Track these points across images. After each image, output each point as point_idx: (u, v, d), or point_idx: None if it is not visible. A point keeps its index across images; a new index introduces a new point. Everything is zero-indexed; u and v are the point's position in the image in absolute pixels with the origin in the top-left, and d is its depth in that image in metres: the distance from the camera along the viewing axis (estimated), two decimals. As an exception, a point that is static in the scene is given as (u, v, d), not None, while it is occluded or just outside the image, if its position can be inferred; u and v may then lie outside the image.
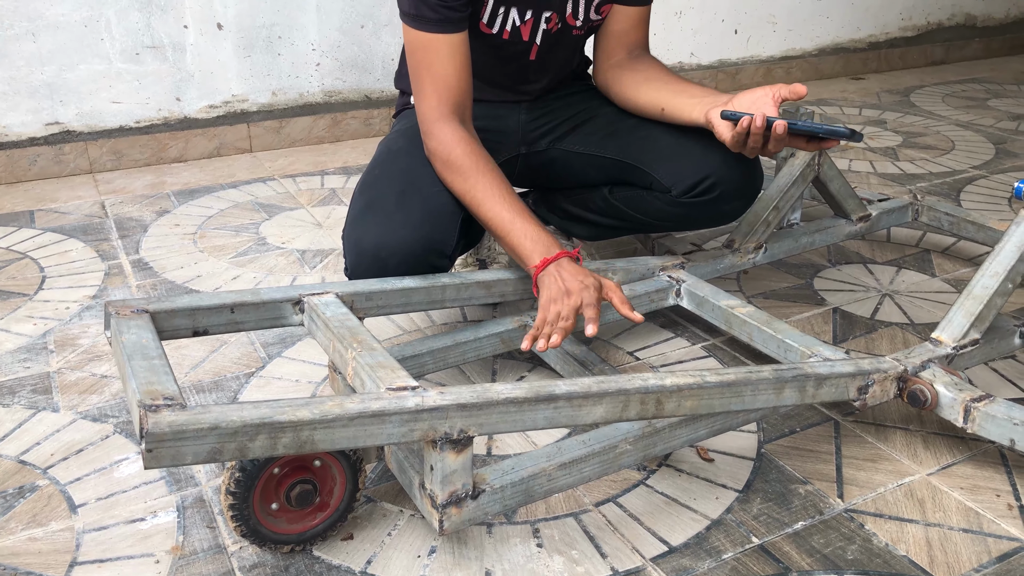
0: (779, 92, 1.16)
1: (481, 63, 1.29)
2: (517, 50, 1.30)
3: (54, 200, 2.03)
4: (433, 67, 1.19)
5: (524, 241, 1.13)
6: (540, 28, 1.28)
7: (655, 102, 1.29)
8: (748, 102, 1.17)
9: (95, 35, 2.12)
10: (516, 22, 1.26)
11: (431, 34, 1.17)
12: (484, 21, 1.25)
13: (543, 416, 0.89)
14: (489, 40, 1.27)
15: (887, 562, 0.95)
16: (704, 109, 1.21)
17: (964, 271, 1.67)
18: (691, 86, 1.27)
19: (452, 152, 1.18)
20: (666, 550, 0.97)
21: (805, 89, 1.13)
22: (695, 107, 1.23)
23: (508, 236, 1.15)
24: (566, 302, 1.07)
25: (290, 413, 0.79)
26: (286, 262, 1.70)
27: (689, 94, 1.25)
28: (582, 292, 1.07)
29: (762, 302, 1.54)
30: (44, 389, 1.28)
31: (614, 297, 1.10)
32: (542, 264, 1.11)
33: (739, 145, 1.17)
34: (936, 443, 1.16)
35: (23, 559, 0.95)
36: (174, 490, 1.06)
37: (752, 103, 1.17)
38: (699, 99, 1.23)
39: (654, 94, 1.29)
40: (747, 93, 1.18)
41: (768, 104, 1.16)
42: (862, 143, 0.98)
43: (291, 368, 1.33)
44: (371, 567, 0.94)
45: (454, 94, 1.20)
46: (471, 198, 1.17)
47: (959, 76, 3.33)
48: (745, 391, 0.98)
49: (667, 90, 1.28)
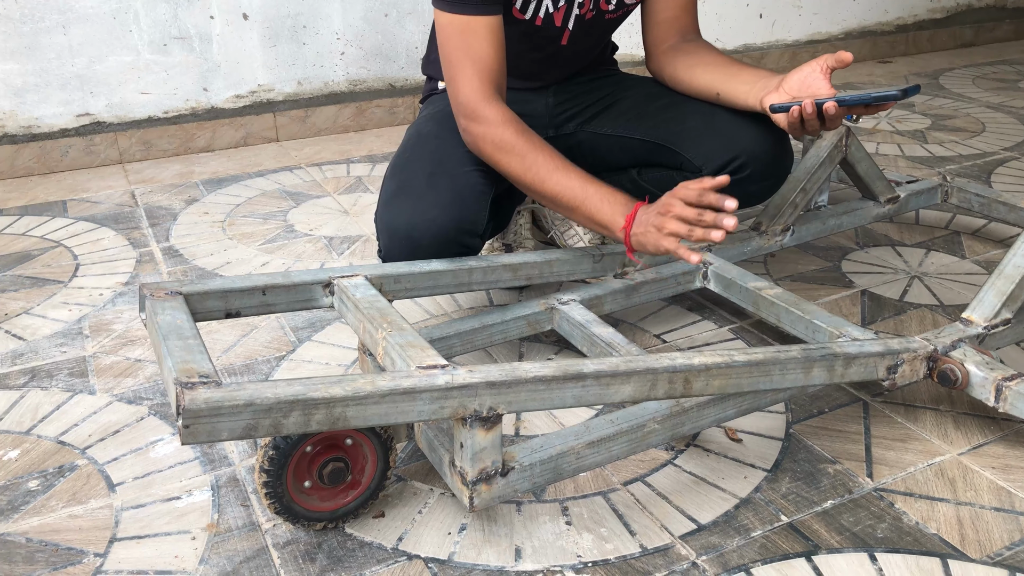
0: (826, 64, 1.16)
1: (511, 50, 1.29)
2: (550, 35, 1.30)
3: (86, 190, 2.06)
4: (473, 49, 1.18)
5: (602, 206, 1.13)
6: (573, 14, 1.28)
7: (710, 86, 1.30)
8: (797, 82, 1.18)
9: (123, 27, 2.14)
10: (549, 8, 1.26)
11: (471, 16, 1.17)
12: (517, 7, 1.25)
13: (571, 394, 0.90)
14: (521, 27, 1.28)
15: (917, 540, 0.95)
16: (758, 96, 1.22)
17: (995, 252, 1.65)
18: (744, 69, 1.27)
19: (504, 134, 1.16)
20: (695, 528, 0.97)
21: (850, 56, 1.12)
22: (748, 94, 1.24)
23: (584, 204, 1.14)
24: (668, 227, 1.07)
25: (323, 390, 0.80)
26: (314, 248, 1.72)
27: (742, 79, 1.26)
28: (671, 217, 1.07)
29: (789, 285, 1.54)
30: (80, 372, 1.30)
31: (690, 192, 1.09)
32: (628, 223, 1.12)
33: (797, 131, 1.17)
34: (967, 423, 1.15)
35: (64, 535, 0.98)
36: (208, 470, 1.08)
37: (802, 83, 1.17)
38: (751, 84, 1.24)
39: (708, 78, 1.30)
40: (795, 72, 1.19)
41: (818, 80, 1.16)
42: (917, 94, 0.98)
43: (321, 351, 1.35)
44: (402, 544, 0.96)
45: (495, 76, 1.19)
46: (533, 176, 1.16)
47: (989, 58, 3.28)
48: (773, 370, 0.98)
49: (721, 74, 1.28)
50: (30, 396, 1.24)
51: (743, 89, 1.25)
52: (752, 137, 1.28)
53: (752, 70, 1.27)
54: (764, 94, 1.21)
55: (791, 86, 1.18)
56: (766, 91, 1.21)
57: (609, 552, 0.94)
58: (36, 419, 1.19)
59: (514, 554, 0.94)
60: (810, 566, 0.91)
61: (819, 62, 1.17)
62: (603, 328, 1.18)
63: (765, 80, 1.23)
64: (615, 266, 1.33)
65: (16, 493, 1.05)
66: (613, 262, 1.32)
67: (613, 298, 1.29)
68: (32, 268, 1.66)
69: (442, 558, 0.94)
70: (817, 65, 1.17)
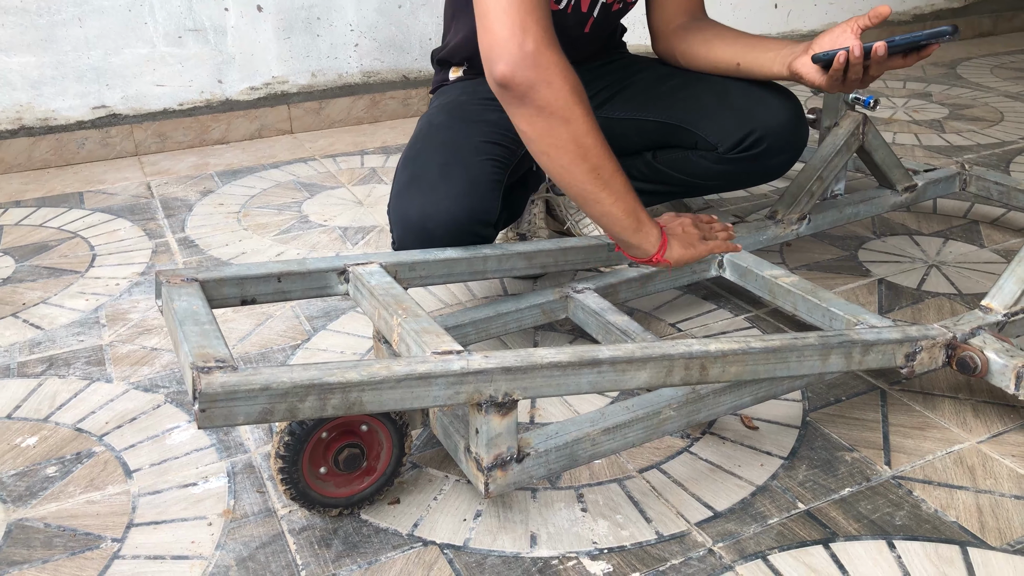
0: (859, 23, 1.14)
1: None
2: (577, 21, 1.30)
3: (102, 182, 2.07)
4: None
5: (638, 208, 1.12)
6: (600, 2, 1.28)
7: (730, 58, 1.28)
8: (829, 43, 1.16)
9: (139, 19, 2.15)
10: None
11: None
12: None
13: (587, 380, 0.90)
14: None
15: (936, 528, 0.94)
16: (785, 61, 1.20)
17: (1014, 241, 1.63)
18: (764, 40, 1.26)
19: (575, 79, 0.99)
20: (711, 515, 0.97)
21: (888, 8, 1.09)
22: (774, 61, 1.22)
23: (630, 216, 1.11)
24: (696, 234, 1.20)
25: (339, 375, 0.80)
26: (328, 239, 1.72)
27: (764, 47, 1.24)
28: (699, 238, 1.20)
29: (806, 274, 1.52)
30: (97, 361, 1.31)
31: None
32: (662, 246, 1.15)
33: (837, 84, 1.15)
34: (986, 411, 1.14)
35: (82, 521, 0.98)
36: (224, 456, 1.09)
37: (833, 43, 1.15)
38: (776, 51, 1.22)
39: (728, 49, 1.28)
40: (826, 34, 1.17)
41: (850, 39, 1.14)
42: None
43: (336, 340, 1.35)
44: (418, 530, 0.96)
45: (543, 15, 0.99)
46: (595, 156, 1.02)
47: (1008, 48, 3.24)
48: (790, 357, 0.97)
49: (740, 44, 1.27)
50: (48, 384, 1.25)
51: (768, 56, 1.23)
52: (767, 111, 1.27)
53: (773, 40, 1.26)
54: (793, 58, 1.19)
55: (823, 46, 1.16)
56: (794, 55, 1.20)
57: (625, 539, 0.94)
58: (54, 407, 1.20)
59: (529, 540, 0.94)
60: (828, 553, 0.91)
61: (850, 23, 1.15)
62: (618, 316, 1.18)
63: (790, 48, 1.21)
64: (630, 254, 1.32)
65: (34, 479, 1.05)
66: (628, 250, 1.31)
67: (628, 286, 1.29)
68: (49, 259, 1.67)
69: (457, 544, 0.94)
70: (847, 26, 1.15)
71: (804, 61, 1.17)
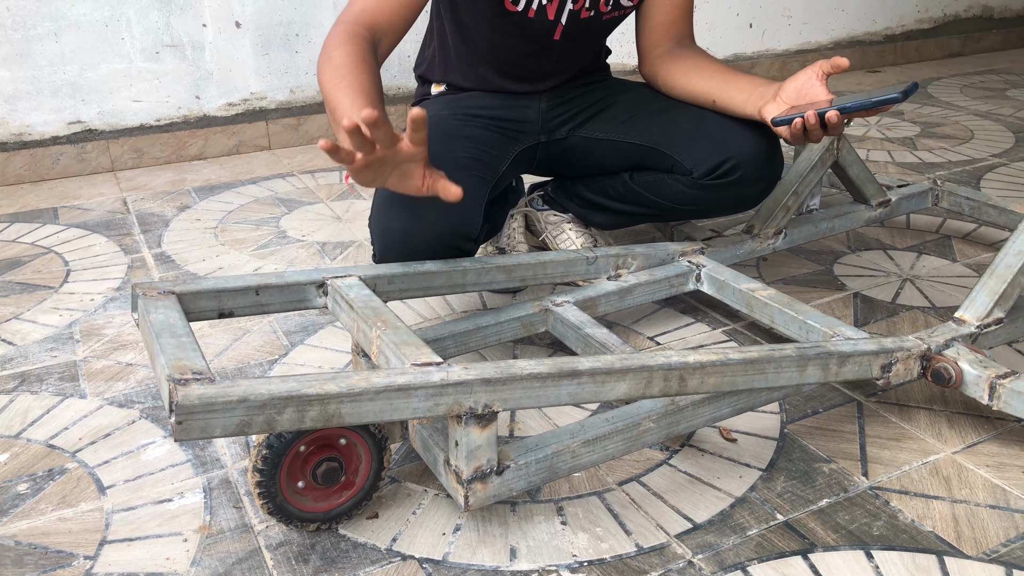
0: (822, 70, 1.18)
1: (504, 46, 1.30)
2: (543, 28, 1.31)
3: (77, 197, 2.05)
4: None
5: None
6: (567, 8, 1.28)
7: (706, 93, 1.31)
8: (794, 90, 1.19)
9: (116, 34, 2.14)
10: (543, 0, 1.27)
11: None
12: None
13: (567, 392, 0.90)
14: (514, 19, 1.28)
15: (913, 538, 0.95)
16: (756, 105, 1.23)
17: (985, 256, 1.66)
18: (740, 77, 1.28)
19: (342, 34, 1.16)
20: (690, 527, 0.97)
21: (846, 61, 1.14)
22: (746, 103, 1.25)
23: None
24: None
25: (317, 386, 0.80)
26: (307, 254, 1.72)
27: (738, 87, 1.27)
28: None
29: (782, 287, 1.54)
30: (71, 377, 1.29)
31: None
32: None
33: (800, 141, 1.19)
34: (961, 422, 1.15)
35: (53, 538, 0.96)
36: (200, 472, 1.07)
37: (799, 90, 1.18)
38: (748, 93, 1.25)
39: (705, 84, 1.31)
40: (792, 80, 1.20)
41: (815, 86, 1.18)
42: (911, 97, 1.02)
43: (313, 355, 1.34)
44: (396, 544, 0.95)
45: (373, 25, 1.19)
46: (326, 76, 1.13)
47: (977, 68, 3.31)
48: (768, 368, 0.98)
49: (717, 81, 1.29)
50: (19, 400, 1.23)
51: (740, 97, 1.26)
52: (743, 140, 1.28)
53: (748, 78, 1.28)
54: (762, 104, 1.22)
55: (788, 94, 1.19)
56: (764, 100, 1.22)
57: (605, 551, 0.94)
58: (26, 423, 1.18)
59: (509, 554, 0.93)
60: (806, 564, 0.91)
61: (815, 68, 1.18)
62: (597, 329, 1.18)
63: (762, 89, 1.23)
64: (608, 268, 1.33)
65: (5, 496, 1.03)
66: (606, 264, 1.32)
67: (607, 300, 1.29)
68: (22, 274, 1.65)
69: (436, 558, 0.93)
70: (813, 72, 1.18)
71: (771, 109, 1.20)
